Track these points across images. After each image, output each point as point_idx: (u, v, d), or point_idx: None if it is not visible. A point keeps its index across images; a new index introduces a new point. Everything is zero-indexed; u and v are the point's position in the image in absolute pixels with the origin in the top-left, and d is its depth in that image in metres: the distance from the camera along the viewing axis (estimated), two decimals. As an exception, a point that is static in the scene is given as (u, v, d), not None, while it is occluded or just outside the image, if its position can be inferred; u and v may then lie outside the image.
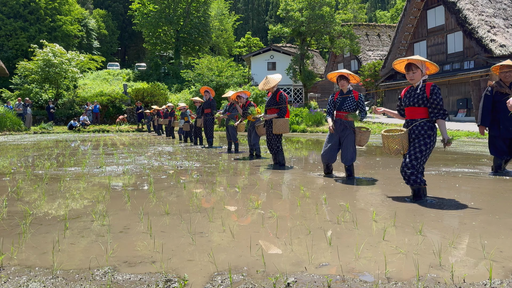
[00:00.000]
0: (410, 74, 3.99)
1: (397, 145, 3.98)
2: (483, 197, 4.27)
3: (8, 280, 2.14)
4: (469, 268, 2.29)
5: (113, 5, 60.39)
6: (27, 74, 24.46)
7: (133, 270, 2.27)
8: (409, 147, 3.99)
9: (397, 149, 3.99)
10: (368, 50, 38.14)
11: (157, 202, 4.02)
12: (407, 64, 4.02)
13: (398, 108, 4.34)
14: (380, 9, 71.17)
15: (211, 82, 26.84)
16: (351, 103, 5.36)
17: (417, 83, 4.03)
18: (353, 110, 5.37)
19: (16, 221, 3.32)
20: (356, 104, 5.36)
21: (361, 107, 5.40)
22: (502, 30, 21.03)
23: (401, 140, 3.96)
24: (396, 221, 3.22)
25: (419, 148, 3.90)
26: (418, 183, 3.91)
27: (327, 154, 5.51)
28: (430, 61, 3.92)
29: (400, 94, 4.26)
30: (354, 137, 5.43)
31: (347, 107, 5.37)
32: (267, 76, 6.60)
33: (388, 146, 4.07)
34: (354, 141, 5.43)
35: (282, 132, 6.52)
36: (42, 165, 7.16)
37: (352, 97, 5.37)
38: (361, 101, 5.41)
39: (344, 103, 5.39)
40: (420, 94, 3.97)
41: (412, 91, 4.08)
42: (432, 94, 3.90)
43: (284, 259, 2.42)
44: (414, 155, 3.90)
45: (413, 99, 4.02)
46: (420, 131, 3.94)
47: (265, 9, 74.30)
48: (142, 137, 17.34)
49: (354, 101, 5.35)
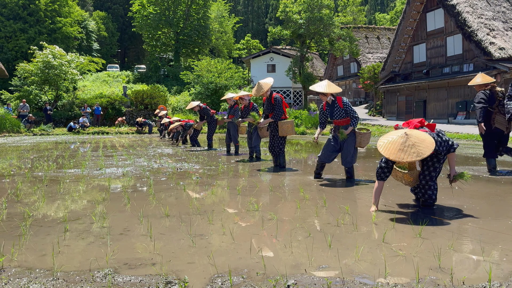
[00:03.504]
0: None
1: (412, 177, 3.75)
2: (483, 199, 4.27)
3: (9, 282, 2.14)
4: (468, 270, 2.29)
5: (113, 7, 60.43)
6: (27, 75, 24.44)
7: (133, 272, 2.27)
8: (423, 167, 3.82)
9: (412, 181, 3.79)
10: (367, 53, 38.21)
11: (157, 204, 4.03)
12: None
13: None
14: (379, 11, 71.30)
15: (210, 84, 26.85)
16: (339, 112, 5.40)
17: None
18: (343, 117, 5.39)
19: (16, 223, 3.32)
20: (344, 111, 5.37)
21: (350, 114, 5.37)
22: (501, 33, 21.08)
23: (415, 174, 3.74)
24: (395, 224, 3.23)
25: (433, 167, 3.77)
26: (433, 200, 3.86)
27: (324, 155, 5.56)
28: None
29: None
30: (355, 139, 5.45)
31: (338, 116, 5.42)
32: (259, 82, 6.60)
33: (403, 178, 3.77)
34: (354, 144, 5.45)
35: (288, 134, 6.61)
36: (41, 167, 7.16)
37: (337, 106, 5.40)
38: (347, 107, 5.36)
39: (333, 113, 5.45)
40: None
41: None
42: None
43: (284, 261, 2.43)
44: (430, 175, 3.77)
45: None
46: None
47: (264, 11, 74.42)
48: (142, 139, 17.34)
49: (341, 109, 5.37)
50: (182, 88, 33.45)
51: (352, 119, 5.35)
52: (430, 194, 3.85)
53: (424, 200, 3.89)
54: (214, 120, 11.05)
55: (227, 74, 27.75)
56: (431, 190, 3.83)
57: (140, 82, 36.41)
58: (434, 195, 3.86)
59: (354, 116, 5.35)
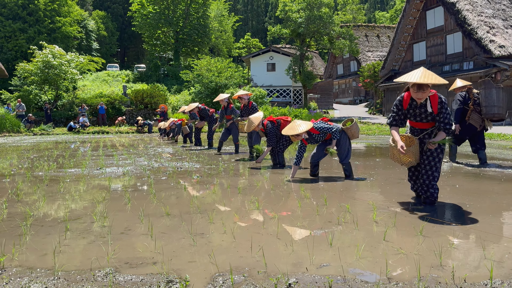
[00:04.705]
0: (420, 93, 3.63)
1: (410, 157, 3.78)
2: (484, 197, 4.27)
3: (10, 281, 2.14)
4: (470, 268, 2.29)
5: (112, 7, 60.36)
6: (27, 75, 24.43)
7: (134, 271, 2.27)
8: (423, 156, 3.83)
9: (410, 162, 3.81)
10: (367, 51, 38.20)
11: (157, 203, 4.02)
12: (419, 84, 3.59)
13: (395, 118, 3.88)
14: (379, 10, 71.18)
15: (210, 83, 26.82)
16: (318, 137, 5.64)
17: (423, 100, 3.72)
18: (323, 137, 5.64)
19: (17, 222, 3.32)
20: (322, 135, 5.59)
21: (329, 131, 5.56)
22: (501, 31, 21.06)
23: (413, 152, 3.77)
24: (396, 222, 3.23)
25: (435, 167, 3.79)
26: (435, 198, 3.88)
27: (314, 156, 5.77)
28: (440, 81, 3.53)
29: (398, 103, 3.89)
30: (347, 137, 5.64)
31: (320, 140, 5.69)
32: (249, 118, 6.82)
33: (400, 159, 3.83)
34: (347, 141, 5.63)
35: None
36: (42, 166, 7.16)
37: (314, 135, 5.62)
38: (323, 129, 5.54)
39: (317, 139, 5.71)
40: (429, 113, 3.72)
41: (416, 108, 3.78)
42: (441, 110, 3.68)
43: (285, 260, 2.43)
44: (432, 175, 3.79)
45: (420, 117, 3.79)
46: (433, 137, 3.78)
47: (264, 10, 74.32)
48: (142, 138, 17.33)
49: (318, 135, 5.60)
50: (182, 87, 33.43)
51: (332, 134, 5.54)
52: (432, 192, 3.85)
53: (425, 197, 3.89)
54: (214, 120, 11.05)
55: (227, 73, 27.71)
56: (433, 188, 3.84)
57: (140, 82, 36.39)
58: (436, 193, 3.87)
59: (332, 131, 5.53)
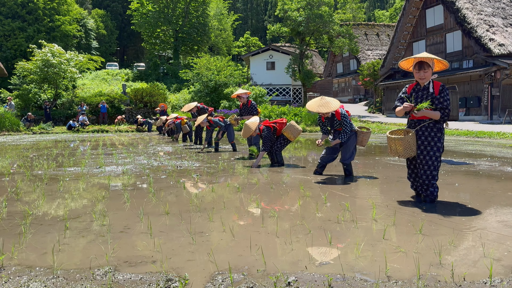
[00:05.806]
0: (421, 73, 3.71)
1: (406, 148, 3.78)
2: (483, 195, 4.27)
3: (9, 280, 2.14)
4: (469, 266, 2.29)
5: (111, 5, 60.25)
6: (26, 74, 24.39)
7: (133, 270, 2.27)
8: (420, 156, 3.81)
9: (406, 153, 3.81)
10: (367, 50, 38.17)
11: (157, 202, 4.02)
12: (419, 62, 3.73)
13: (399, 101, 3.95)
14: (379, 8, 71.10)
15: (210, 81, 26.80)
16: (337, 123, 5.63)
17: (426, 83, 3.79)
18: (338, 127, 5.64)
19: (16, 221, 3.32)
20: (339, 123, 5.60)
21: (344, 126, 5.55)
22: (501, 29, 21.05)
23: (409, 143, 3.77)
24: (396, 220, 3.23)
25: (434, 165, 3.77)
26: (435, 196, 3.87)
27: (325, 157, 5.73)
28: (439, 58, 3.70)
29: (403, 91, 3.96)
30: (356, 138, 5.67)
31: (337, 126, 5.67)
32: (245, 123, 6.82)
33: (396, 150, 3.85)
34: (355, 142, 5.67)
35: (295, 135, 6.65)
36: (41, 165, 7.15)
37: (336, 119, 5.63)
38: (344, 119, 5.56)
39: (333, 124, 5.69)
40: (430, 95, 3.73)
41: (419, 91, 3.82)
42: (440, 93, 3.70)
43: (285, 258, 2.43)
44: (431, 174, 3.78)
45: (421, 100, 3.78)
46: (430, 133, 3.76)
47: (264, 8, 74.23)
48: (141, 137, 17.33)
49: (338, 121, 5.61)
50: (182, 86, 33.40)
51: (343, 133, 5.53)
52: (432, 191, 3.85)
53: (425, 196, 3.89)
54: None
55: (226, 72, 27.69)
56: (433, 187, 3.84)
57: (139, 80, 36.35)
58: (436, 192, 3.87)
59: (346, 131, 5.53)
